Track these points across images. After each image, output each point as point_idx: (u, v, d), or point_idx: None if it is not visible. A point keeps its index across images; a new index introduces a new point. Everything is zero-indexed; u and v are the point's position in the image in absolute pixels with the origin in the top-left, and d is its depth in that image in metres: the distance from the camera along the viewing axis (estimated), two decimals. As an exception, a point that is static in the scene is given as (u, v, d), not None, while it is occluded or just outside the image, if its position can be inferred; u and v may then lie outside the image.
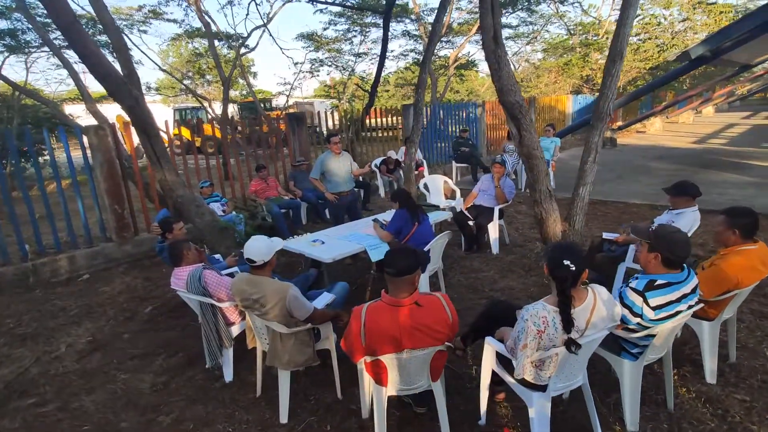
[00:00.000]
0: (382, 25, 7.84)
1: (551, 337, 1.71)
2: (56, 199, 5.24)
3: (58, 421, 2.61)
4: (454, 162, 8.96)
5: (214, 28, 11.13)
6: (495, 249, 4.88)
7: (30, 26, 8.80)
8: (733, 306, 2.47)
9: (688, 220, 3.16)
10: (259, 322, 2.34)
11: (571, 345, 1.70)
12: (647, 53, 17.51)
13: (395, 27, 17.78)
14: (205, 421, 2.50)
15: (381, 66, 8.23)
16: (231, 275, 2.93)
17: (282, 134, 7.78)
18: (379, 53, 8.59)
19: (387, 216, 4.28)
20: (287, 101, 16.93)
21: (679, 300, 1.90)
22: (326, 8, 13.50)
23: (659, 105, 17.79)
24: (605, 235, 3.65)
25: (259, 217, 5.94)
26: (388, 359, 1.92)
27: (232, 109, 18.68)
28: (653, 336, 1.99)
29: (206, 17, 10.98)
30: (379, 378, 2.04)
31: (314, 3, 9.94)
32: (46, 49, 10.81)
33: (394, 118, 10.39)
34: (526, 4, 16.97)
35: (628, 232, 3.49)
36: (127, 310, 4.16)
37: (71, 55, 8.28)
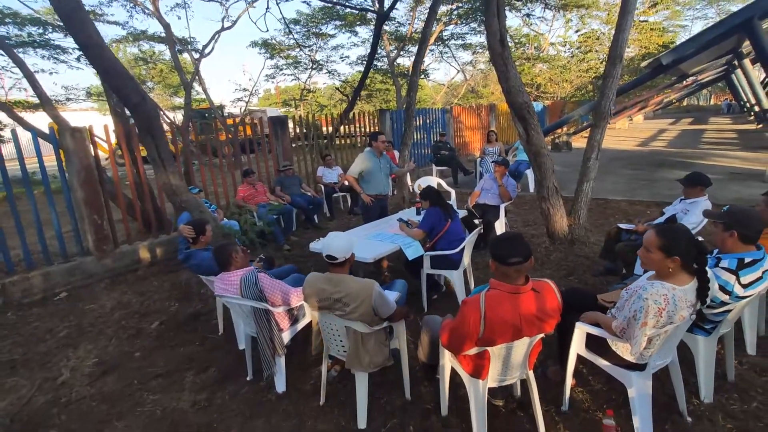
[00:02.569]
0: (373, 30, 7.82)
1: (670, 314, 1.77)
2: (27, 209, 4.68)
3: (98, 451, 2.31)
4: (434, 165, 9.10)
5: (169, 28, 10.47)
6: (502, 246, 4.99)
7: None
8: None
9: (701, 208, 3.40)
10: (338, 323, 2.21)
11: (701, 319, 1.77)
12: (590, 64, 18.94)
13: (362, 32, 17.88)
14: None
15: (367, 70, 8.20)
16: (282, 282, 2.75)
17: (239, 141, 7.42)
18: (367, 56, 8.53)
19: (409, 214, 4.25)
20: (246, 108, 16.39)
21: (761, 277, 2.05)
22: (320, 5, 13.11)
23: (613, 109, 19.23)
24: (622, 226, 3.85)
25: (249, 224, 5.66)
26: (497, 349, 1.88)
27: (178, 117, 17.75)
28: (728, 312, 2.12)
29: (165, 18, 10.37)
30: (479, 371, 1.99)
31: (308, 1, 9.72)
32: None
33: (369, 123, 10.37)
34: (478, 15, 17.71)
35: (644, 222, 3.72)
36: (129, 328, 3.78)
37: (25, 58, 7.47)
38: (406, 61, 20.02)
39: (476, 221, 5.06)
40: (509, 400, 2.42)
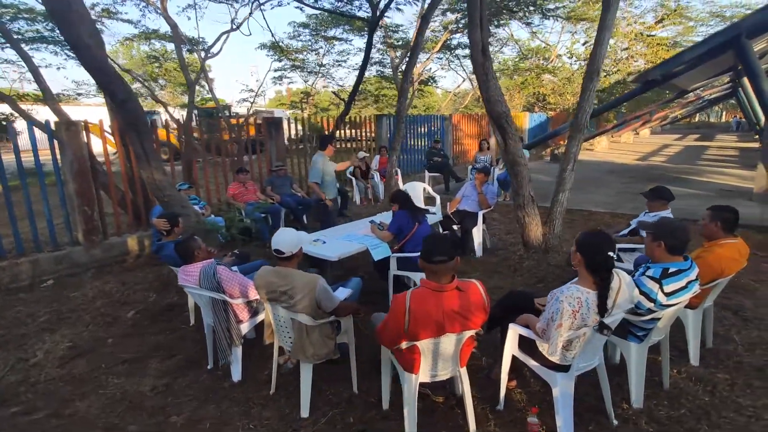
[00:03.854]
0: (366, 35, 8.00)
1: (584, 316, 1.86)
2: (19, 199, 4.86)
3: (55, 427, 2.44)
4: (427, 171, 9.21)
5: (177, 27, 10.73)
6: (479, 252, 5.08)
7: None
8: (713, 294, 2.76)
9: None
10: (284, 315, 2.32)
11: (603, 328, 1.86)
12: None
13: (359, 41, 18.12)
14: (222, 419, 2.43)
15: (361, 76, 8.36)
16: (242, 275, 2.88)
17: (244, 141, 7.62)
18: (360, 63, 8.71)
19: (382, 218, 4.36)
20: (251, 108, 16.62)
21: (686, 286, 2.13)
22: (314, 13, 13.44)
23: (606, 124, 19.25)
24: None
25: (236, 221, 5.81)
26: (425, 344, 1.98)
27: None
28: (658, 320, 2.21)
29: (171, 19, 10.61)
30: (411, 365, 2.10)
31: (302, 8, 9.95)
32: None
33: (367, 128, 10.53)
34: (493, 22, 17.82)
35: (612, 234, 3.79)
36: (106, 315, 3.92)
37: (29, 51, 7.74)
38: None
39: (454, 227, 5.17)
40: (450, 397, 2.51)
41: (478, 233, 5.07)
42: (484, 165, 5.77)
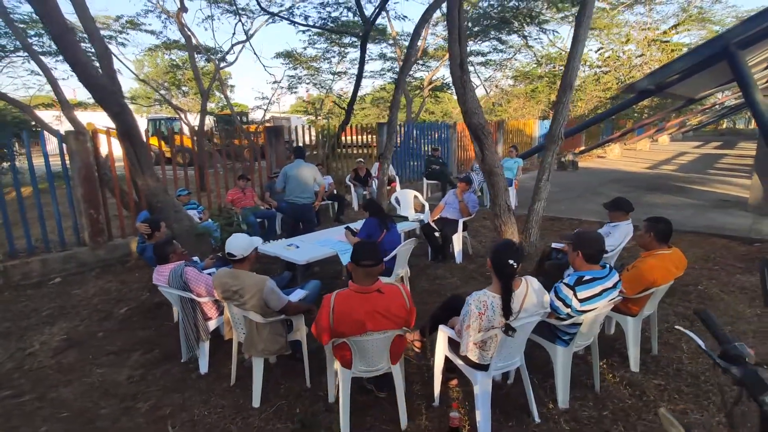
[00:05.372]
0: (359, 48, 8.31)
1: (490, 318, 2.03)
2: (32, 203, 5.29)
3: (37, 409, 2.73)
4: (425, 179, 9.39)
5: (194, 41, 11.29)
6: (459, 259, 5.24)
7: (8, 30, 8.78)
8: (652, 303, 2.87)
9: (622, 231, 3.61)
10: (237, 312, 2.57)
11: (508, 329, 2.03)
12: (607, 84, 18.78)
13: (373, 48, 18.46)
14: (183, 407, 2.68)
15: (357, 86, 8.65)
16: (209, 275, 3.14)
17: (259, 147, 8.01)
18: (356, 73, 9.05)
19: (359, 225, 4.58)
20: (264, 115, 17.13)
21: (600, 294, 2.28)
22: (307, 29, 13.93)
23: (618, 132, 18.98)
24: (554, 245, 4.05)
25: (234, 225, 6.11)
26: (352, 341, 2.19)
27: (209, 121, 18.70)
28: (580, 324, 2.35)
29: (187, 30, 11.16)
30: (345, 360, 2.30)
31: (295, 24, 10.34)
32: (20, 54, 10.73)
33: (370, 135, 10.80)
34: (497, 34, 17.93)
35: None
36: (101, 311, 4.26)
37: (48, 61, 8.35)
38: (423, 74, 20.38)
39: (436, 234, 5.34)
40: (392, 393, 2.69)
41: (458, 240, 5.22)
42: (467, 174, 5.92)
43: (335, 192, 7.93)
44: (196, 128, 11.61)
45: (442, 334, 2.43)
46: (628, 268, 2.81)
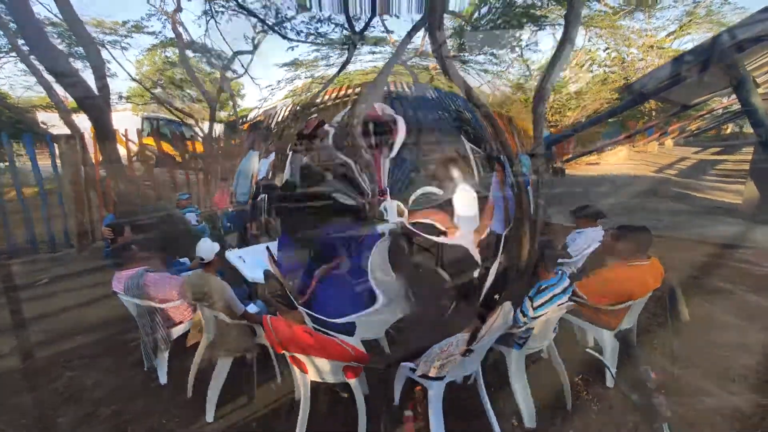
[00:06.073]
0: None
1: (452, 352, 2.08)
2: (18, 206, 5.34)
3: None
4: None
5: (187, 37, 11.27)
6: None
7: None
8: (630, 317, 2.82)
9: (586, 238, 3.54)
10: (208, 312, 2.60)
11: (467, 353, 2.04)
12: (615, 84, 18.59)
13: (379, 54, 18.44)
14: (143, 413, 2.69)
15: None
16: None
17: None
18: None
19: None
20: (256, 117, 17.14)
21: (551, 299, 2.30)
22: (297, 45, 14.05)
23: (624, 134, 18.78)
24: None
25: (218, 227, 6.12)
26: (302, 358, 2.20)
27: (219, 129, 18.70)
28: (532, 329, 2.35)
29: (180, 28, 11.16)
30: (300, 367, 2.31)
31: (289, 40, 10.59)
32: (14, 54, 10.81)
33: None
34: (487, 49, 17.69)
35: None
36: (82, 315, 4.26)
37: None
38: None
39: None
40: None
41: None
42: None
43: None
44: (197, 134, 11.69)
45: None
46: (589, 275, 2.78)
